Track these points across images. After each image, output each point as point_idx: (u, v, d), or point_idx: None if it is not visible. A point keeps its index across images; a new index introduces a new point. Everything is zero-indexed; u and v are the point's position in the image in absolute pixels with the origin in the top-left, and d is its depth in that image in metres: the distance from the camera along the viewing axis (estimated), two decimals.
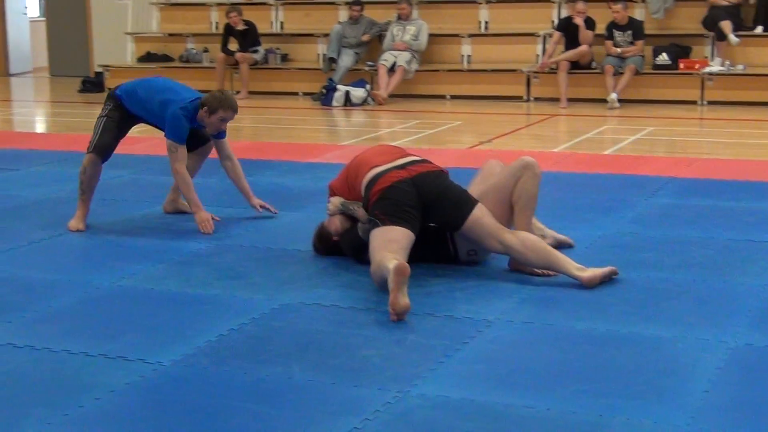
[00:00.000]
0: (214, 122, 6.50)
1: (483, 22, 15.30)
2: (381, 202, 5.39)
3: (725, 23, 13.40)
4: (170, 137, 6.53)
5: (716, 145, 10.57)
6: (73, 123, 13.19)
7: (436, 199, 5.43)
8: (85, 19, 18.84)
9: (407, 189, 5.40)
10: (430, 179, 5.50)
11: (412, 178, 5.46)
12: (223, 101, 6.48)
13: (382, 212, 5.34)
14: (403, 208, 5.34)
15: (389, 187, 5.42)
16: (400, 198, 5.37)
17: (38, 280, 5.52)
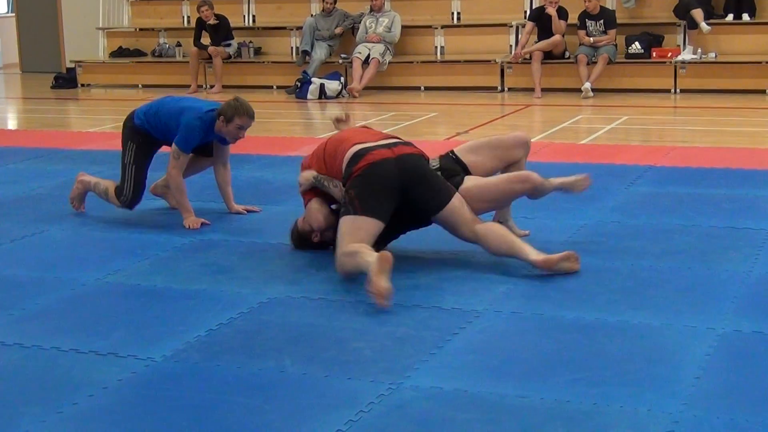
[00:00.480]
0: (232, 131, 6.46)
1: (455, 13, 15.32)
2: (361, 180, 5.37)
3: (697, 11, 13.47)
4: (177, 143, 6.49)
5: (692, 133, 10.64)
6: (47, 119, 13.11)
7: (417, 183, 5.43)
8: (56, 14, 18.71)
9: (390, 169, 5.40)
10: (413, 161, 5.51)
11: (396, 158, 5.45)
12: (239, 108, 6.42)
13: (358, 195, 5.33)
14: (380, 194, 5.34)
15: (372, 164, 5.40)
16: (380, 181, 5.36)
17: (24, 277, 5.50)
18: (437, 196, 5.47)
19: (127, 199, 6.62)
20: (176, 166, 6.52)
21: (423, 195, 5.47)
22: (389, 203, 5.38)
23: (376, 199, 5.34)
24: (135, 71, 16.12)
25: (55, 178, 8.14)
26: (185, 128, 6.48)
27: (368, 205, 5.32)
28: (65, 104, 14.87)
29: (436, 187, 5.49)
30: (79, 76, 16.31)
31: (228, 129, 6.44)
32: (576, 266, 5.29)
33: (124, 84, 16.07)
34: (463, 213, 5.48)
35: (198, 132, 6.50)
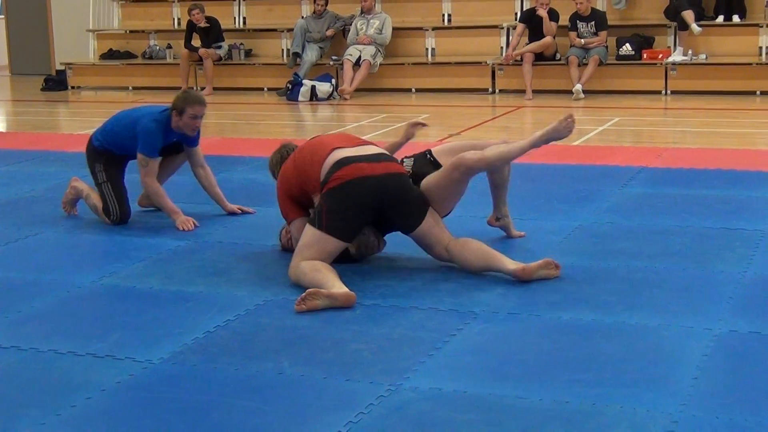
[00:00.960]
0: (188, 122, 6.45)
1: (446, 15, 15.33)
2: (336, 194, 5.27)
3: (687, 13, 13.50)
4: (141, 150, 6.49)
5: (683, 134, 10.66)
6: (37, 121, 13.09)
7: (394, 205, 5.36)
8: (45, 16, 18.68)
9: (369, 189, 5.29)
10: (395, 182, 5.40)
11: (378, 176, 5.33)
12: (188, 98, 6.46)
13: (329, 209, 5.24)
14: (350, 214, 5.26)
15: (352, 181, 5.28)
16: (355, 200, 5.27)
17: (18, 280, 5.49)
18: (410, 218, 5.40)
19: (116, 217, 6.61)
20: (147, 173, 6.51)
21: (397, 216, 5.42)
22: (359, 222, 5.34)
23: (345, 220, 5.27)
24: (125, 73, 16.10)
25: (47, 181, 8.12)
26: (144, 133, 6.48)
27: (334, 224, 5.25)
28: (55, 106, 14.84)
29: (412, 208, 5.40)
30: (69, 78, 16.28)
31: (183, 121, 6.44)
32: (555, 273, 5.24)
33: (115, 86, 16.04)
34: (436, 233, 5.40)
35: (157, 134, 6.50)
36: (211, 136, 10.91)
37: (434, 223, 5.43)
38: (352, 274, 5.35)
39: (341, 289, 4.92)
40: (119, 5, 17.27)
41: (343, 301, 4.88)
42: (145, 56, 16.34)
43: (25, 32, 19.01)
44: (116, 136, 6.64)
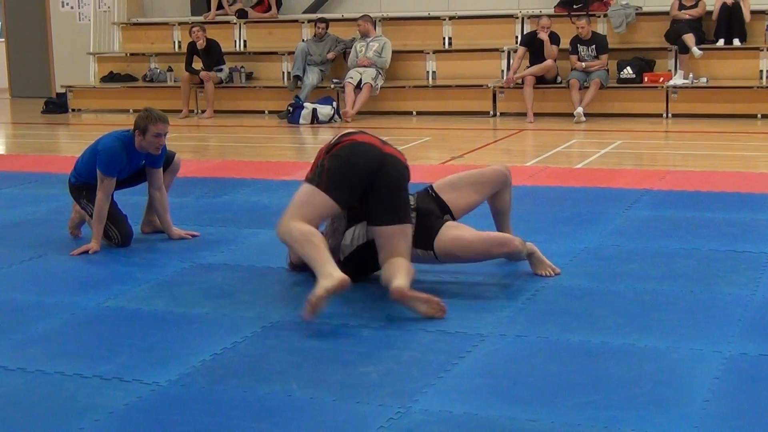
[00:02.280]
0: (151, 141, 6.41)
1: (447, 38, 15.36)
2: (342, 152, 5.29)
3: (688, 36, 13.54)
4: (98, 167, 6.46)
5: (685, 157, 10.66)
6: (38, 144, 13.09)
7: (383, 187, 5.26)
8: (46, 39, 18.70)
9: (372, 157, 5.28)
10: (395, 166, 5.35)
11: (383, 152, 5.36)
12: (150, 117, 6.40)
13: (330, 168, 5.25)
14: (351, 177, 5.23)
15: (359, 143, 5.35)
16: (356, 163, 5.25)
17: (23, 301, 5.47)
18: (384, 211, 5.27)
19: (117, 240, 6.59)
20: (101, 188, 6.47)
21: (380, 201, 5.28)
22: (357, 187, 5.26)
23: (344, 181, 5.24)
24: (126, 96, 16.10)
25: (49, 203, 8.11)
26: (104, 151, 6.47)
27: (334, 184, 5.22)
28: (56, 129, 14.84)
29: (393, 205, 5.29)
30: (69, 101, 16.29)
31: (147, 140, 6.41)
32: (434, 313, 4.99)
33: (115, 109, 16.04)
34: (393, 244, 5.25)
35: (119, 153, 6.47)
36: (213, 159, 10.95)
37: (399, 233, 5.26)
38: (359, 297, 5.34)
39: (334, 279, 4.87)
40: (120, 28, 17.30)
41: (341, 288, 4.89)
42: (146, 79, 16.36)
43: (26, 55, 19.02)
44: (86, 165, 6.64)
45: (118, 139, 6.48)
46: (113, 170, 6.47)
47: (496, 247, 5.52)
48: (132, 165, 6.59)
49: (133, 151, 6.50)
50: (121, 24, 17.32)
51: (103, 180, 6.46)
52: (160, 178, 6.71)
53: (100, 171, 6.45)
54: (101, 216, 6.46)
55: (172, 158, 6.88)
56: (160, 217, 6.78)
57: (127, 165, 6.57)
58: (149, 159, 6.59)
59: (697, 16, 13.92)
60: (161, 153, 6.59)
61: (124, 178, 6.66)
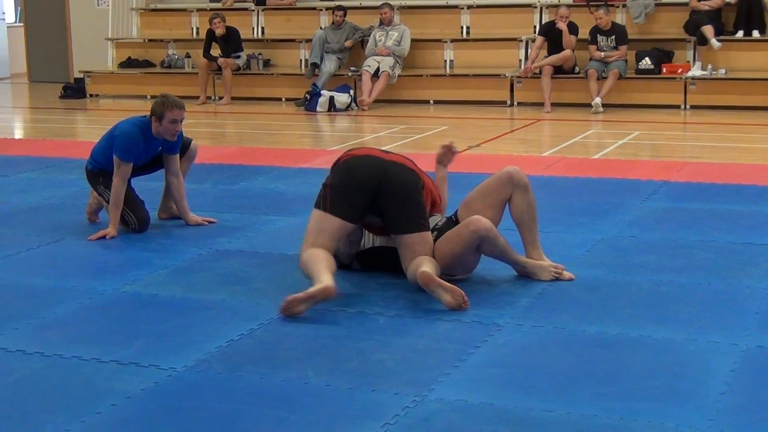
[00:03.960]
0: (168, 127, 6.43)
1: (465, 27, 15.33)
2: (342, 168, 5.35)
3: (707, 28, 13.48)
4: (115, 152, 6.48)
5: (703, 148, 10.63)
6: (56, 129, 13.10)
7: (390, 195, 5.25)
8: (64, 24, 18.73)
9: (372, 167, 5.30)
10: (399, 172, 5.33)
11: (384, 161, 5.37)
12: (166, 103, 6.42)
13: (332, 185, 5.29)
14: (353, 190, 5.25)
15: (357, 156, 5.40)
16: (358, 175, 5.27)
17: (41, 286, 5.49)
18: (399, 219, 5.28)
19: (135, 225, 6.60)
20: (118, 174, 6.48)
21: (388, 210, 5.29)
22: (362, 201, 5.26)
23: (346, 197, 5.25)
24: (144, 82, 16.10)
25: (67, 188, 8.14)
26: (121, 136, 6.49)
27: (337, 202, 5.25)
28: (73, 114, 14.86)
29: (405, 210, 5.28)
30: (87, 87, 16.31)
31: (163, 126, 6.43)
32: (458, 306, 4.95)
33: (133, 94, 16.05)
34: (417, 250, 5.23)
35: (137, 138, 6.48)
36: (230, 146, 10.96)
37: (419, 242, 5.25)
38: (376, 286, 5.36)
39: (320, 285, 4.88)
40: (138, 14, 17.31)
41: (321, 296, 4.88)
42: (164, 65, 16.36)
43: (44, 40, 19.05)
44: (102, 152, 6.65)
45: (135, 125, 6.50)
46: (130, 156, 6.49)
47: (463, 228, 5.30)
48: (149, 151, 6.61)
49: (150, 138, 6.51)
50: (140, 10, 17.33)
51: (120, 166, 6.47)
52: (177, 164, 6.72)
53: (117, 156, 6.46)
54: (118, 201, 6.48)
55: (189, 145, 6.89)
56: (176, 203, 6.79)
57: (144, 151, 6.58)
58: (166, 145, 6.60)
59: (716, 7, 13.85)
60: (178, 139, 6.60)
61: (141, 165, 6.67)
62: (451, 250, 5.32)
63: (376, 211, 5.35)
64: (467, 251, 5.31)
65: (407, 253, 5.28)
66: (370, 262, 5.62)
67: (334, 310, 4.99)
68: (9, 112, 15.99)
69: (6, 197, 7.86)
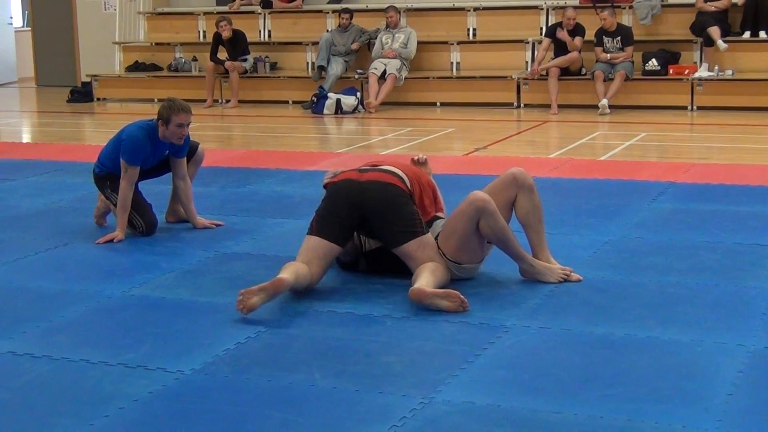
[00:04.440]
0: (174, 131, 6.45)
1: (471, 29, 15.33)
2: (326, 198, 5.49)
3: (713, 29, 13.47)
4: (122, 156, 6.50)
5: (710, 150, 10.62)
6: (63, 133, 13.14)
7: (376, 214, 5.35)
8: (72, 28, 18.77)
9: (350, 191, 5.40)
10: (376, 190, 5.39)
11: (360, 182, 5.42)
12: (173, 107, 6.43)
13: (317, 214, 5.45)
14: (335, 215, 5.36)
15: (335, 184, 5.49)
16: (338, 201, 5.39)
17: (49, 289, 5.50)
18: (391, 233, 5.36)
19: (142, 228, 6.61)
20: (125, 177, 6.49)
21: (378, 227, 5.40)
22: (345, 223, 5.38)
23: (330, 221, 5.37)
24: (151, 85, 16.13)
25: (75, 191, 8.16)
26: (128, 140, 6.51)
27: (322, 226, 5.38)
28: (81, 118, 14.90)
29: (393, 224, 5.35)
30: (94, 90, 16.36)
31: (170, 130, 6.44)
32: (457, 308, 4.96)
33: (140, 98, 16.08)
34: (418, 256, 5.29)
35: (143, 141, 6.49)
36: (237, 149, 10.98)
37: (416, 248, 5.30)
38: (383, 289, 5.36)
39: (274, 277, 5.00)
40: (145, 18, 17.35)
41: (273, 288, 4.95)
42: (171, 69, 16.40)
43: (52, 44, 19.10)
44: (109, 156, 6.67)
45: (141, 129, 6.51)
46: (137, 159, 6.50)
47: (464, 203, 5.33)
48: (156, 155, 6.62)
49: (157, 141, 6.53)
50: (147, 13, 17.37)
51: (127, 169, 6.48)
52: (184, 167, 6.73)
53: (124, 160, 6.48)
54: (125, 205, 6.49)
55: (196, 148, 6.90)
56: (184, 206, 6.80)
57: (151, 155, 6.60)
58: (173, 149, 6.62)
59: (722, 8, 13.84)
60: (185, 143, 6.62)
61: (149, 168, 6.69)
62: (453, 227, 5.38)
63: (367, 231, 5.50)
64: (469, 228, 5.32)
65: (410, 263, 5.33)
66: (377, 262, 5.63)
67: (341, 312, 5.01)
68: (17, 116, 16.03)
69: (14, 201, 7.89)
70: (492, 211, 5.27)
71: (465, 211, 5.32)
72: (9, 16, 20.67)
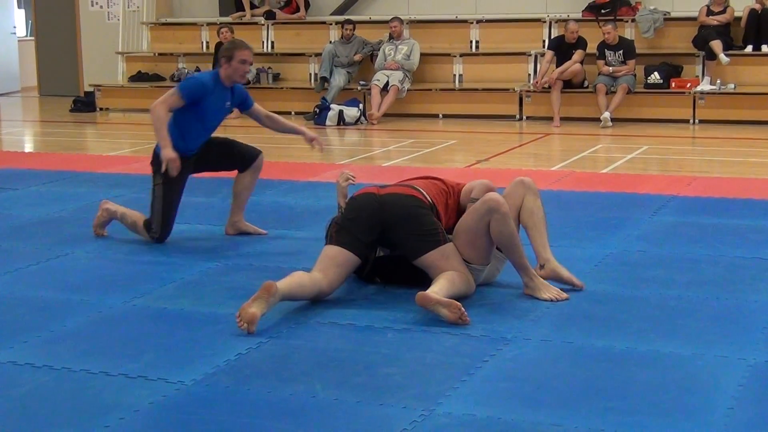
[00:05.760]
0: (237, 67, 6.47)
1: (474, 42, 15.36)
2: (346, 209, 5.54)
3: (715, 43, 13.49)
4: (178, 86, 6.52)
5: (712, 163, 10.62)
6: (66, 142, 13.15)
7: (398, 224, 5.39)
8: (75, 38, 18.79)
9: (370, 203, 5.45)
10: (397, 202, 5.45)
11: (380, 195, 5.49)
12: (235, 43, 6.53)
13: (337, 225, 5.49)
14: (355, 227, 5.39)
15: (354, 197, 5.55)
16: (358, 213, 5.43)
17: (50, 299, 5.50)
18: (413, 245, 5.39)
19: (156, 234, 6.63)
20: (165, 101, 6.46)
21: (400, 239, 5.43)
22: (365, 236, 5.40)
23: (350, 232, 5.39)
24: (154, 96, 15.82)
25: (76, 201, 8.16)
26: (189, 78, 6.62)
27: (341, 236, 5.40)
28: (83, 128, 14.92)
29: (414, 235, 5.38)
30: (97, 100, 16.38)
31: (233, 67, 6.47)
32: (456, 319, 4.94)
33: (143, 108, 16.02)
34: (440, 266, 5.31)
35: (203, 81, 6.51)
36: None
37: (440, 257, 5.33)
38: (384, 300, 5.37)
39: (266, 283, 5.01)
40: (148, 28, 17.38)
41: (265, 292, 4.95)
42: (174, 79, 16.40)
43: (55, 53, 19.12)
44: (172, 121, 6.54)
45: (203, 73, 6.60)
46: (189, 92, 6.47)
47: (479, 202, 5.40)
48: (217, 104, 6.57)
49: (218, 88, 6.52)
50: (150, 24, 17.40)
51: (173, 94, 6.48)
52: (259, 109, 6.86)
53: (177, 88, 6.49)
54: (160, 126, 6.40)
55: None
56: (283, 130, 7.06)
57: (212, 102, 6.54)
58: (236, 100, 6.67)
59: (724, 22, 13.86)
60: (247, 95, 6.73)
61: (204, 118, 6.60)
62: (466, 225, 5.45)
63: (388, 244, 5.54)
64: (479, 227, 5.37)
65: (432, 272, 5.35)
66: (384, 269, 5.64)
67: (342, 324, 5.01)
68: (19, 126, 16.03)
69: (16, 211, 7.89)
70: (504, 213, 5.33)
71: (478, 209, 5.40)
72: (12, 26, 20.69)
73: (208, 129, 6.72)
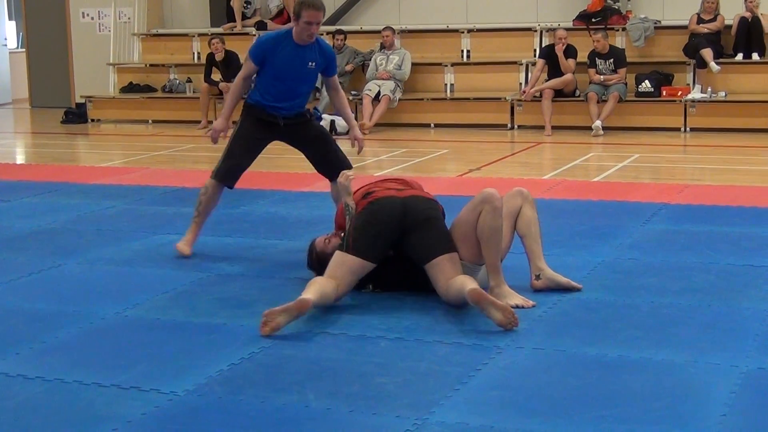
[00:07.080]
0: (303, 27, 6.38)
1: (465, 51, 15.38)
2: (365, 212, 5.51)
3: (706, 51, 13.52)
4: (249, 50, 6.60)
5: (703, 171, 10.65)
6: (57, 154, 13.13)
7: (418, 227, 5.45)
8: (66, 50, 18.77)
9: (394, 206, 5.49)
10: (420, 204, 5.55)
11: (402, 198, 5.53)
12: (303, 2, 6.37)
13: (356, 230, 5.46)
14: (376, 233, 5.42)
15: (378, 199, 5.54)
16: (381, 218, 5.45)
17: (43, 311, 5.49)
18: (428, 246, 5.43)
19: (216, 174, 6.70)
20: (242, 71, 6.64)
21: (418, 241, 5.45)
22: (382, 241, 5.44)
23: (368, 237, 5.42)
24: (145, 107, 16.16)
25: (69, 212, 8.15)
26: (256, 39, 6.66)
27: (359, 243, 5.41)
28: (75, 139, 14.90)
29: (433, 239, 5.44)
30: (89, 111, 16.36)
31: (300, 26, 6.40)
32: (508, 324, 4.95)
33: (134, 119, 16.10)
34: (446, 271, 5.36)
35: (268, 39, 6.53)
36: None
37: (447, 262, 5.39)
38: (377, 309, 5.37)
39: (300, 297, 5.04)
40: (140, 39, 17.38)
41: (296, 309, 4.99)
42: (165, 90, 16.42)
43: (46, 65, 19.09)
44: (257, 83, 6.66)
45: (274, 32, 6.63)
46: (254, 53, 6.51)
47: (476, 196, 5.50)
48: (293, 61, 6.51)
49: (293, 45, 6.48)
50: (141, 35, 17.40)
51: (246, 60, 6.59)
52: (336, 81, 6.82)
53: (249, 53, 6.55)
54: (234, 94, 6.68)
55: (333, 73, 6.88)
56: (341, 113, 7.01)
57: (285, 59, 6.48)
58: (324, 63, 6.61)
59: (715, 30, 13.90)
60: (333, 61, 6.69)
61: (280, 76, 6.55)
62: (459, 219, 5.55)
63: (401, 246, 5.53)
64: (471, 219, 5.45)
65: (439, 275, 5.38)
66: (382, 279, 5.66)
67: (335, 333, 5.01)
68: (11, 138, 16.02)
69: (8, 222, 7.88)
70: (496, 207, 5.40)
71: (473, 201, 5.50)
72: (3, 38, 20.65)
73: (291, 89, 6.63)
